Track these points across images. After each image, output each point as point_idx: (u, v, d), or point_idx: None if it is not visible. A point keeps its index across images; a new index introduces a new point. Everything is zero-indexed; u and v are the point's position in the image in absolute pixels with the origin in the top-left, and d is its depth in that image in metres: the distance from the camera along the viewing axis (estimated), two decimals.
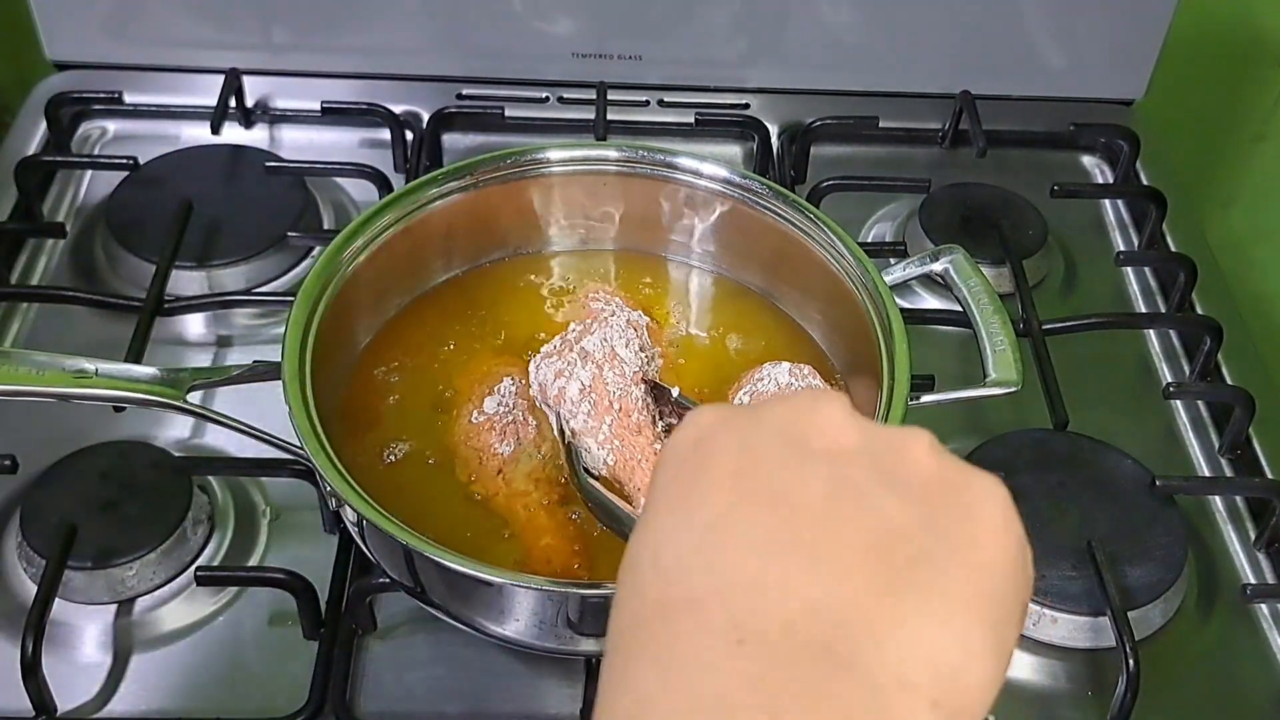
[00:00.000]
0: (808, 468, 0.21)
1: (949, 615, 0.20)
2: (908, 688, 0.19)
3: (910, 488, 0.21)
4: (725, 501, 0.21)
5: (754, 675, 0.19)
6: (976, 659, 0.20)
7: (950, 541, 0.20)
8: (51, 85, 0.63)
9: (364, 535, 0.37)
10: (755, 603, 0.19)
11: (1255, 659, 0.44)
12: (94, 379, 0.38)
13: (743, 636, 0.19)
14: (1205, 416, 0.52)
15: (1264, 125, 0.75)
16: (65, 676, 0.40)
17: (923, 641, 0.19)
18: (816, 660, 0.19)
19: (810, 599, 0.19)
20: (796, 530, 0.20)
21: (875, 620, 0.19)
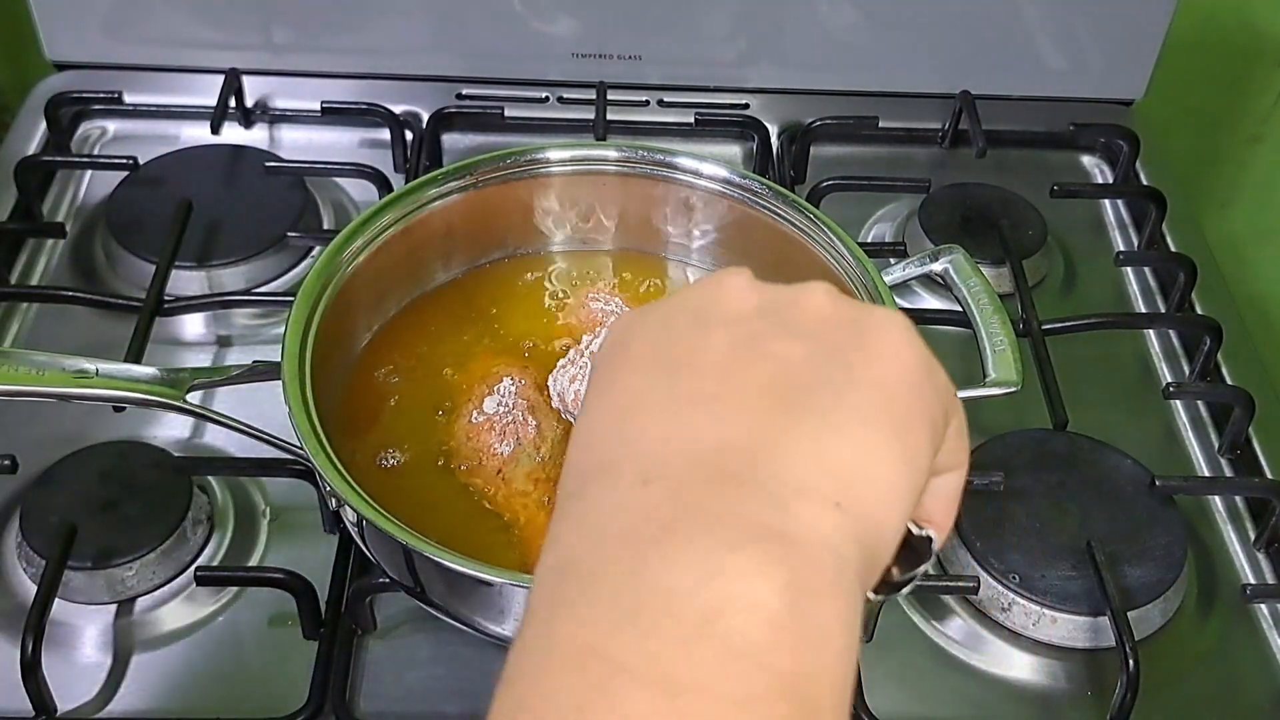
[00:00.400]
0: (710, 333, 0.22)
1: (846, 427, 0.20)
2: (807, 492, 0.19)
3: (808, 330, 0.22)
4: (638, 381, 0.22)
5: (658, 506, 0.19)
6: (876, 462, 0.20)
7: (847, 367, 0.21)
8: (51, 85, 0.63)
9: (364, 535, 0.37)
10: (661, 451, 0.20)
11: (1255, 659, 0.44)
12: (94, 379, 0.38)
13: (648, 478, 0.19)
14: (1205, 416, 0.52)
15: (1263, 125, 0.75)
16: (65, 677, 0.40)
17: (821, 452, 0.19)
18: (719, 485, 0.19)
19: (712, 438, 0.20)
20: (699, 386, 0.21)
21: (775, 443, 0.20)
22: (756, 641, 0.17)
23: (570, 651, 0.18)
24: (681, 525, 0.19)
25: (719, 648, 0.17)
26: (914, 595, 0.44)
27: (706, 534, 0.18)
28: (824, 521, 0.19)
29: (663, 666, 0.17)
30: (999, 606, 0.43)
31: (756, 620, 0.17)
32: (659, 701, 0.17)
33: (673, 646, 0.17)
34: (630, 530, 0.19)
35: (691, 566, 0.18)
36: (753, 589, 0.18)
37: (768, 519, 0.18)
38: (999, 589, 0.43)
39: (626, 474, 0.20)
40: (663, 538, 0.18)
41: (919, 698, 0.41)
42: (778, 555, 0.18)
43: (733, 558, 0.18)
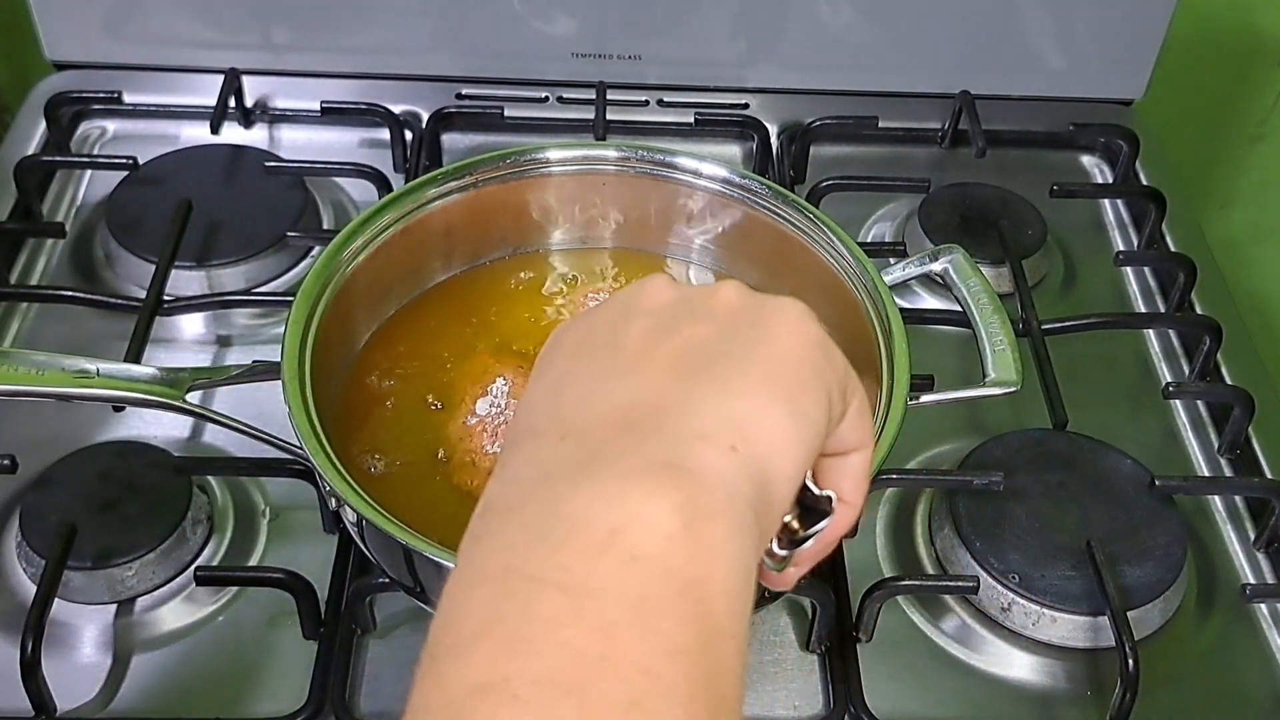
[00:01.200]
0: (630, 321, 0.25)
1: (743, 389, 0.23)
2: (706, 437, 0.22)
3: (715, 316, 0.25)
4: (566, 364, 0.25)
5: (571, 455, 0.22)
6: (768, 416, 0.22)
7: (747, 343, 0.24)
8: (51, 85, 0.63)
9: (363, 535, 0.37)
10: (578, 412, 0.23)
11: (1254, 659, 0.44)
12: (93, 379, 0.38)
13: (565, 435, 0.22)
14: (1205, 416, 0.52)
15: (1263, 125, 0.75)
16: (65, 676, 0.40)
17: (720, 408, 0.22)
18: (627, 432, 0.22)
19: (625, 399, 0.23)
20: (617, 362, 0.24)
21: (680, 402, 0.22)
22: (654, 551, 0.19)
23: (488, 571, 0.20)
24: (590, 465, 0.21)
25: (621, 556, 0.19)
26: (914, 595, 0.44)
27: (611, 468, 0.21)
28: (719, 459, 0.21)
29: (571, 575, 0.19)
30: (998, 606, 0.43)
31: (654, 534, 0.20)
32: (567, 603, 0.19)
33: (579, 558, 0.19)
34: (545, 474, 0.21)
35: (595, 495, 0.20)
36: (650, 509, 0.20)
37: (668, 456, 0.21)
38: (998, 589, 0.43)
39: (547, 434, 0.23)
40: (572, 474, 0.21)
41: (918, 697, 0.41)
42: (674, 484, 0.20)
43: (634, 485, 0.20)
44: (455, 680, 0.19)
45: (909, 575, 0.44)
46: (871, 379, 0.40)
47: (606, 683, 0.18)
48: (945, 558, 0.45)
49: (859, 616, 0.42)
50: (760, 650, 0.42)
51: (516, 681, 0.18)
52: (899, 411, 0.37)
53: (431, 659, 0.19)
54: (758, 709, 0.41)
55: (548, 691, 0.18)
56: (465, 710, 0.18)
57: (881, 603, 0.42)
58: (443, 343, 0.45)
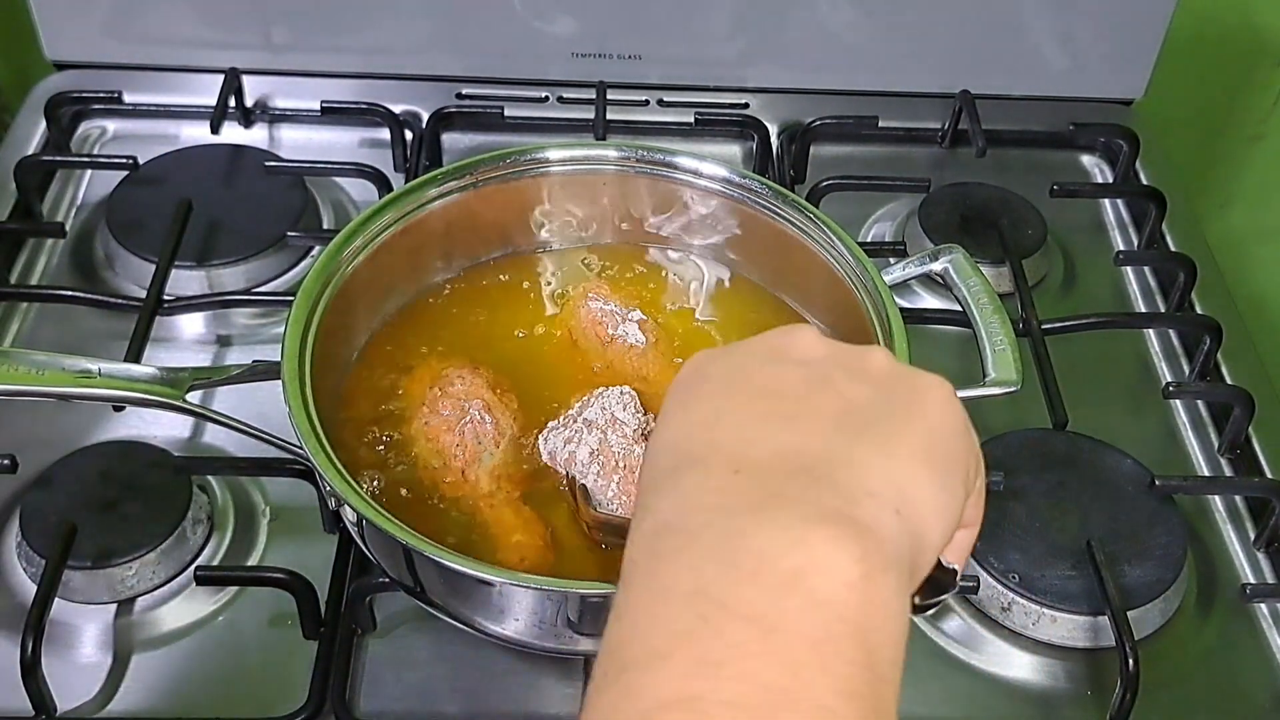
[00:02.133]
0: (786, 369, 0.26)
1: (902, 456, 0.24)
2: (874, 495, 0.23)
3: (870, 379, 0.26)
4: (719, 398, 0.26)
5: (747, 489, 0.23)
6: (924, 487, 0.24)
7: (903, 412, 0.25)
8: (51, 85, 0.63)
9: (363, 535, 0.37)
10: (747, 450, 0.24)
11: (1254, 659, 0.44)
12: (94, 378, 0.38)
13: (738, 469, 0.23)
14: (1205, 416, 0.52)
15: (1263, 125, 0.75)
16: (65, 676, 0.40)
17: (884, 471, 0.23)
18: (800, 478, 0.23)
19: (792, 445, 0.24)
20: (778, 406, 0.25)
21: (846, 456, 0.23)
22: (835, 597, 0.21)
23: (676, 590, 0.21)
24: (769, 504, 0.22)
25: (804, 600, 0.20)
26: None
27: (792, 511, 0.22)
28: (886, 520, 0.22)
29: (757, 608, 0.20)
30: (999, 606, 0.43)
31: (835, 581, 0.21)
32: (755, 634, 0.20)
33: (766, 593, 0.20)
34: (723, 505, 0.22)
35: (779, 534, 0.21)
36: (832, 556, 0.21)
37: (843, 508, 0.22)
38: (999, 588, 0.43)
39: (717, 465, 0.23)
40: (753, 510, 0.22)
41: (919, 697, 0.41)
42: (852, 535, 0.21)
43: (816, 531, 0.21)
44: (648, 693, 0.20)
45: None
46: None
47: (790, 714, 0.19)
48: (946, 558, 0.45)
49: None
50: None
51: (708, 702, 0.19)
52: None
53: (620, 668, 0.20)
54: None
55: (738, 714, 0.19)
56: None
57: None
58: (441, 342, 0.45)
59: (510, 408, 0.41)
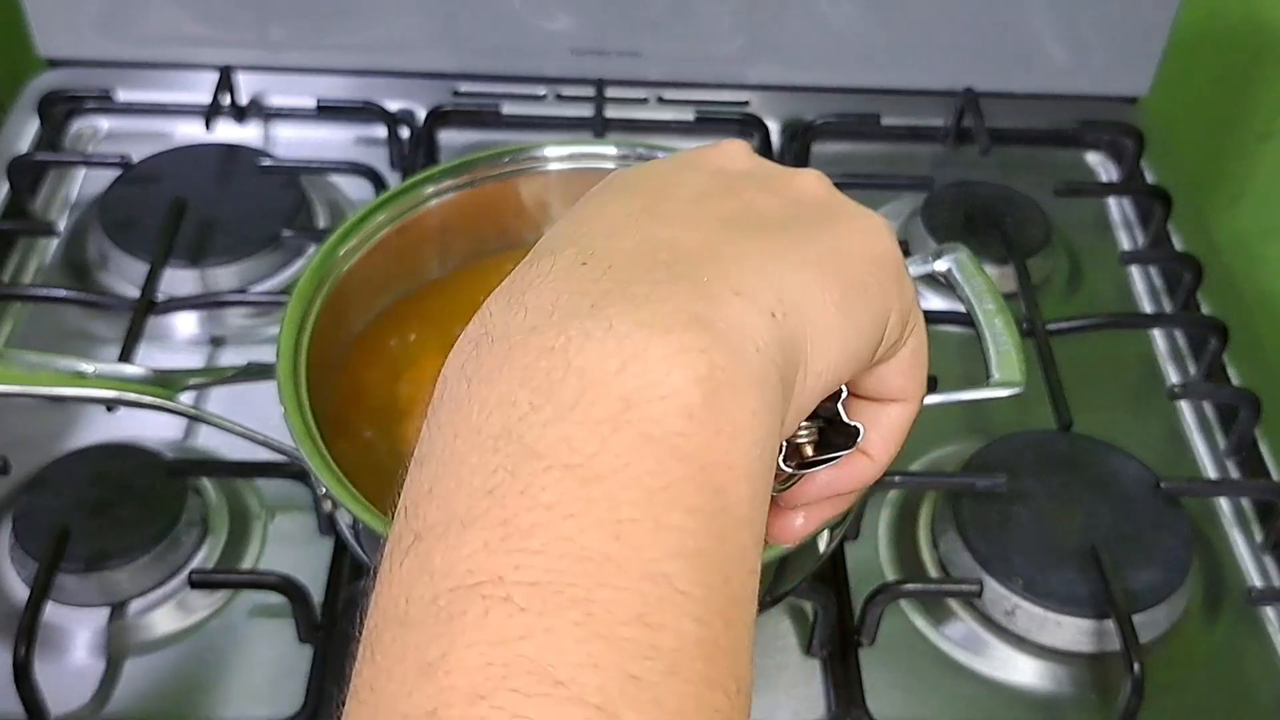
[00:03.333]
0: (694, 175, 0.22)
1: (796, 262, 0.20)
2: (744, 294, 0.19)
3: (787, 194, 0.22)
4: (608, 199, 0.22)
5: (590, 283, 0.19)
6: (817, 300, 0.19)
7: (811, 228, 0.21)
8: (43, 83, 0.62)
9: (359, 537, 0.37)
10: (606, 240, 0.20)
11: (1261, 663, 0.43)
12: (86, 379, 0.37)
13: (586, 260, 0.19)
14: (1211, 418, 0.51)
15: (1271, 123, 0.75)
16: (58, 680, 0.39)
17: (766, 270, 0.19)
18: (654, 273, 0.19)
19: (663, 236, 0.20)
20: (661, 204, 0.21)
21: (724, 255, 0.19)
22: (671, 429, 0.17)
23: (483, 431, 0.17)
24: (608, 303, 0.18)
25: (634, 435, 0.17)
26: (917, 599, 0.43)
27: (632, 313, 0.18)
28: (756, 321, 0.18)
29: (577, 453, 0.17)
30: (1002, 610, 0.42)
31: (672, 408, 0.17)
32: (572, 487, 0.16)
33: (588, 430, 0.17)
34: (556, 304, 0.18)
35: (611, 347, 0.17)
36: (671, 377, 0.17)
37: (698, 308, 0.18)
38: (1003, 592, 0.42)
39: (566, 256, 0.20)
40: (586, 314, 0.18)
41: (921, 702, 0.41)
42: (701, 345, 0.18)
43: (655, 342, 0.17)
44: (443, 571, 0.16)
45: (912, 579, 0.44)
46: None
47: (610, 591, 0.16)
48: (948, 561, 0.44)
49: (861, 620, 0.41)
50: (761, 655, 0.42)
51: (512, 582, 0.16)
52: None
53: (415, 534, 0.17)
54: (758, 714, 0.40)
55: (546, 598, 0.16)
56: (452, 608, 0.16)
57: (884, 607, 0.41)
58: (439, 342, 0.44)
59: None
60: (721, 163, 0.23)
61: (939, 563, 0.45)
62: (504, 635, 0.15)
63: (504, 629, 0.15)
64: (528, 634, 0.15)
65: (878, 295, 0.21)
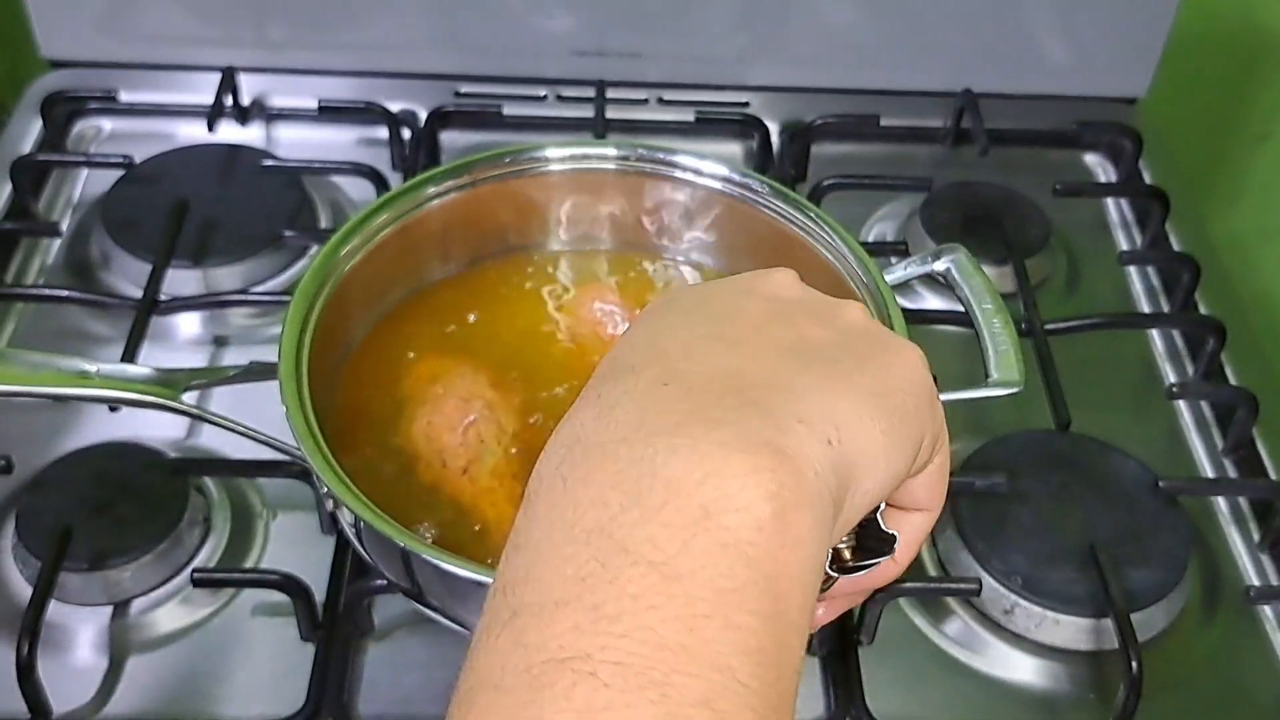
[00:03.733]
0: (749, 302, 0.25)
1: (848, 393, 0.23)
2: (806, 422, 0.21)
3: (836, 325, 0.25)
4: (676, 319, 0.25)
5: (671, 404, 0.21)
6: (867, 430, 0.22)
7: (859, 360, 0.24)
8: (46, 83, 0.62)
9: (361, 537, 0.37)
10: (683, 364, 0.23)
11: (1259, 662, 0.43)
12: (89, 379, 0.37)
13: (669, 380, 0.22)
14: (1209, 417, 0.52)
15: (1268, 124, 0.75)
16: (60, 679, 0.39)
17: (823, 401, 0.22)
18: (728, 399, 0.21)
19: (732, 365, 0.23)
20: (729, 330, 0.24)
21: (786, 384, 0.22)
22: (743, 539, 0.19)
23: (578, 526, 0.20)
24: (689, 424, 0.21)
25: (711, 541, 0.19)
26: (916, 598, 0.44)
27: (710, 434, 0.20)
28: (814, 449, 0.21)
29: (661, 551, 0.19)
30: (1001, 609, 0.43)
31: (746, 520, 0.20)
32: (655, 582, 0.19)
33: (671, 533, 0.19)
34: (642, 420, 0.21)
35: (694, 462, 0.20)
36: (745, 492, 0.20)
37: (767, 434, 0.21)
38: (1001, 591, 0.42)
39: (647, 375, 0.22)
40: (671, 430, 0.21)
41: (920, 700, 0.41)
42: (770, 465, 0.20)
43: (733, 460, 0.20)
44: (537, 645, 0.18)
45: (911, 577, 0.44)
46: None
47: (683, 677, 0.18)
48: (947, 560, 0.44)
49: (860, 619, 0.42)
50: None
51: (599, 660, 0.18)
52: None
53: (513, 611, 0.19)
54: None
55: (628, 677, 0.18)
56: (544, 678, 0.18)
57: (883, 605, 0.41)
58: (440, 342, 0.44)
59: (512, 406, 0.41)
60: (775, 290, 0.26)
61: (938, 561, 0.45)
62: (590, 706, 0.17)
63: (590, 701, 0.17)
64: (610, 707, 0.17)
65: (915, 422, 0.24)
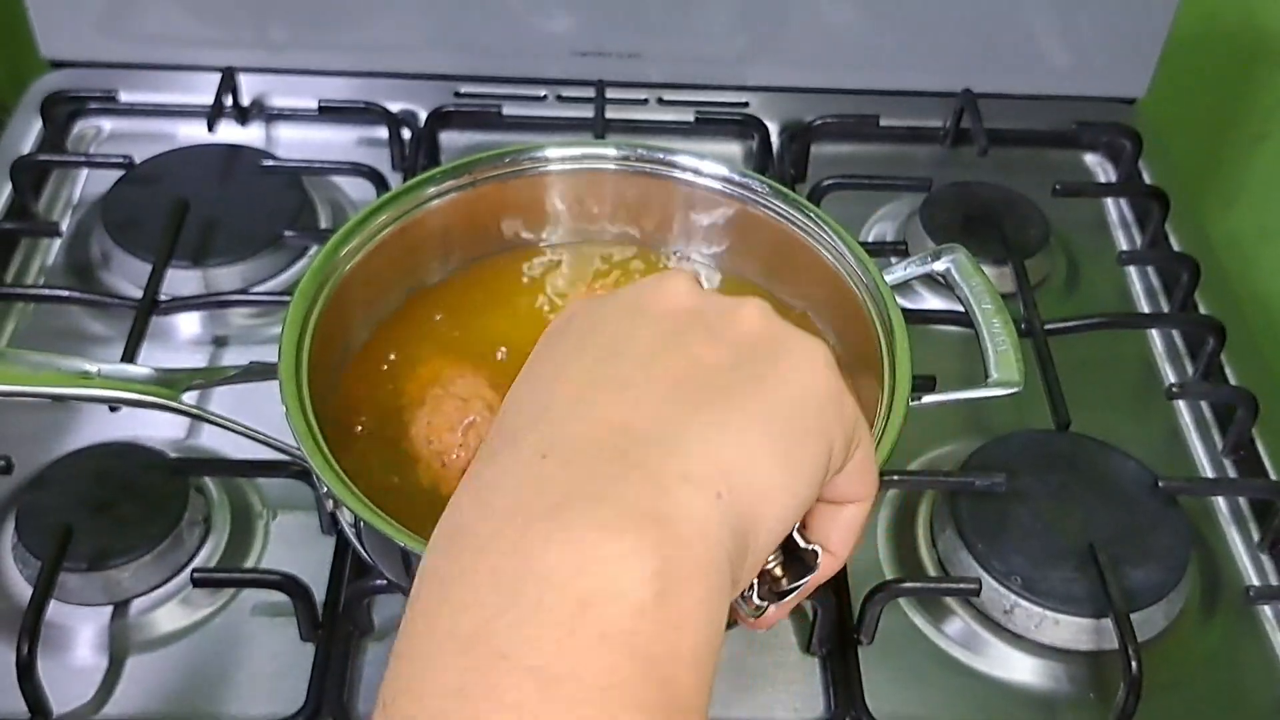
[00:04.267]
0: (640, 324, 0.24)
1: (741, 429, 0.22)
2: (692, 480, 0.20)
3: (731, 339, 0.23)
4: (565, 356, 0.24)
5: (550, 480, 0.20)
6: (760, 465, 0.21)
7: (757, 378, 0.23)
8: (46, 84, 0.62)
9: (361, 537, 0.37)
10: (563, 426, 0.22)
11: (1258, 661, 0.43)
12: (89, 379, 0.37)
13: (546, 452, 0.21)
14: (1208, 417, 0.52)
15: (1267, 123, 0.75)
16: (60, 679, 0.39)
17: (710, 447, 0.21)
18: (609, 464, 0.21)
19: (617, 419, 0.22)
20: (617, 371, 0.23)
21: (673, 434, 0.21)
22: (624, 629, 0.19)
23: (456, 632, 0.19)
24: (566, 505, 0.20)
25: (590, 636, 0.19)
26: (915, 598, 0.44)
27: (589, 515, 0.20)
28: (702, 509, 0.20)
29: (539, 655, 0.18)
30: (1001, 608, 0.43)
31: (625, 609, 0.19)
32: (534, 688, 0.18)
33: (548, 632, 0.19)
34: (520, 505, 0.20)
35: (570, 551, 0.19)
36: (624, 576, 0.19)
37: (649, 503, 0.20)
38: (1001, 591, 0.42)
39: (528, 446, 0.21)
40: (548, 515, 0.20)
41: (920, 700, 0.41)
42: (653, 541, 0.19)
43: (610, 545, 0.19)
44: None
45: (911, 577, 0.44)
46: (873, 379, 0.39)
47: None
48: (947, 560, 0.44)
49: (860, 619, 0.42)
50: (761, 653, 0.42)
51: None
52: (900, 412, 0.37)
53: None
54: (758, 712, 0.40)
55: None
56: None
57: (883, 605, 0.42)
58: (440, 342, 0.44)
59: None
60: (668, 304, 0.24)
61: (938, 561, 0.45)
62: None
63: None
64: None
65: (819, 437, 0.23)
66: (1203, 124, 0.76)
